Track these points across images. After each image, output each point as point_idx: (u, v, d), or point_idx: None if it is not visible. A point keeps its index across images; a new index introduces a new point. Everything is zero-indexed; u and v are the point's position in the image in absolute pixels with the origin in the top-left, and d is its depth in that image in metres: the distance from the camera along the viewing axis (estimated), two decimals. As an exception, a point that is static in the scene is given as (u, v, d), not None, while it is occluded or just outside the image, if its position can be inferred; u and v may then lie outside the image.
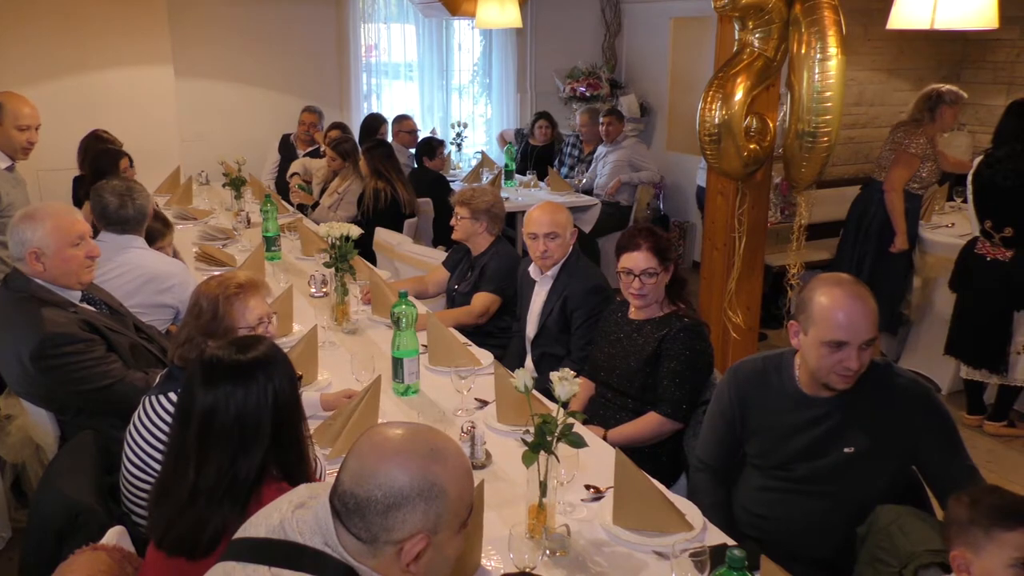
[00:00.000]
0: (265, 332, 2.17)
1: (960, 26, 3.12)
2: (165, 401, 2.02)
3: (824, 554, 2.10)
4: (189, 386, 1.65)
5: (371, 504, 1.25)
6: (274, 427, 1.63)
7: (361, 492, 1.26)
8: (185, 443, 1.60)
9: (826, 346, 1.98)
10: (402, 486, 1.25)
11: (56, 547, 1.79)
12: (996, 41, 6.06)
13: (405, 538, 1.26)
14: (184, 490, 1.57)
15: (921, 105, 4.55)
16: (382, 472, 1.26)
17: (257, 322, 2.18)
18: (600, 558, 1.89)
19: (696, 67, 6.92)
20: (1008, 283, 3.95)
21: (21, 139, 3.74)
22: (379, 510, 1.25)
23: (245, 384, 1.61)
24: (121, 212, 3.18)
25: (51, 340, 2.43)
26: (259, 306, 2.20)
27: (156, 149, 5.97)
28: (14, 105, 3.73)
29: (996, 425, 4.20)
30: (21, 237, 2.53)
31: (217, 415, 1.59)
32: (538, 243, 3.21)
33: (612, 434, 2.65)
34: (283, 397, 1.65)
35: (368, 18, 7.24)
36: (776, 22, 3.33)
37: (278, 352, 1.72)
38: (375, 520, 1.26)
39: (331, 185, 5.62)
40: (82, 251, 2.60)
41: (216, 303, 2.14)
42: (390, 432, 1.33)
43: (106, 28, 5.84)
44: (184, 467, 1.59)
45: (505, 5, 5.05)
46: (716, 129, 3.37)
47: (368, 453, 1.30)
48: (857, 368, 1.98)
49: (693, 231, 7.03)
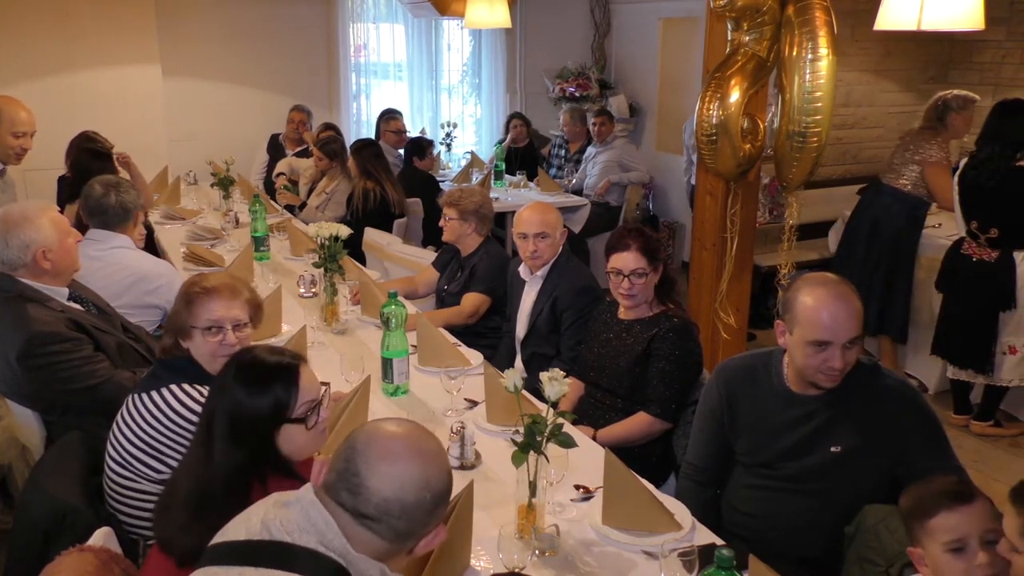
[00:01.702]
0: (222, 339, 2.10)
1: (946, 27, 3.14)
2: (148, 400, 2.02)
3: (812, 553, 2.10)
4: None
5: (421, 505, 1.31)
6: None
7: (410, 497, 1.29)
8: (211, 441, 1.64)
9: (810, 346, 1.99)
10: (439, 484, 1.34)
11: (43, 548, 1.78)
12: (982, 42, 6.10)
13: (426, 533, 1.35)
14: (195, 496, 1.58)
15: (930, 115, 4.51)
16: (423, 474, 1.32)
17: (208, 326, 2.10)
18: (589, 558, 1.89)
19: (685, 68, 6.93)
20: (994, 284, 3.97)
21: (15, 144, 3.72)
22: (427, 509, 1.32)
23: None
24: (103, 201, 3.17)
25: (38, 339, 2.42)
26: (219, 310, 2.11)
27: (144, 149, 5.92)
28: (11, 110, 3.70)
29: (982, 425, 4.23)
30: (25, 240, 2.52)
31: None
32: (528, 243, 3.21)
33: (601, 434, 2.65)
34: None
35: (357, 18, 7.22)
36: (770, 23, 3.35)
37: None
38: (418, 518, 1.32)
39: (319, 185, 5.60)
40: (73, 238, 2.65)
41: (181, 298, 2.14)
42: (403, 430, 1.37)
43: (93, 27, 5.80)
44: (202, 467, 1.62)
45: (494, 5, 5.05)
46: (714, 130, 3.38)
47: (401, 455, 1.32)
48: (841, 367, 1.99)
49: (682, 231, 7.04)
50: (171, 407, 1.99)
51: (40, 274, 2.56)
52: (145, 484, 2.00)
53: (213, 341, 2.10)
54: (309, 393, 1.72)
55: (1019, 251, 3.94)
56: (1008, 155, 3.87)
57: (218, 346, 2.10)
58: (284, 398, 1.68)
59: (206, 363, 2.11)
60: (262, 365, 1.70)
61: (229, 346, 2.10)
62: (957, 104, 4.45)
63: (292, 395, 1.69)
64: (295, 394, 1.69)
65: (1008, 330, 4.00)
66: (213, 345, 2.10)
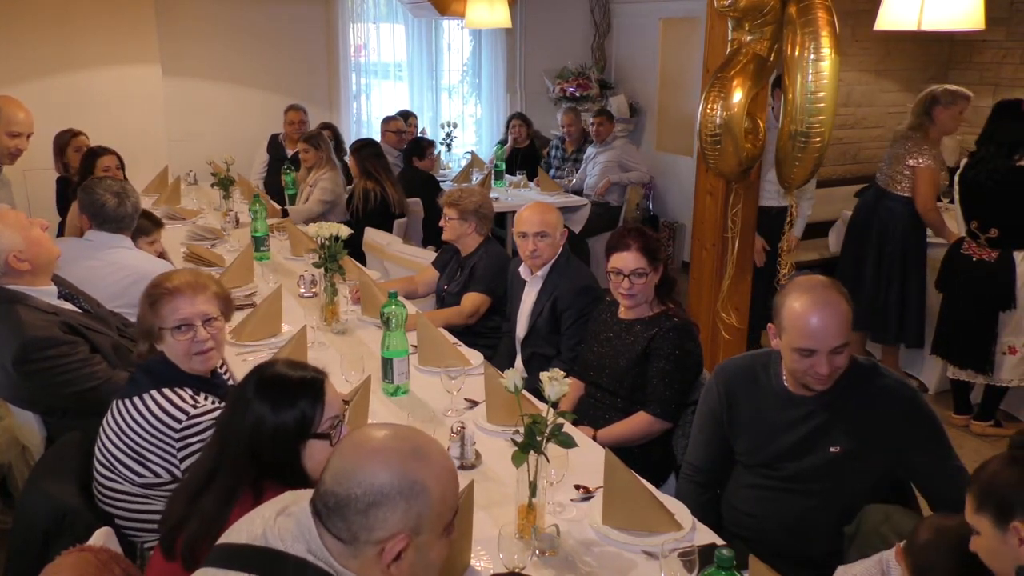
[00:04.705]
0: (194, 337, 2.06)
1: (947, 27, 3.14)
2: (130, 405, 2.02)
3: (812, 553, 2.11)
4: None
5: (351, 502, 1.24)
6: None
7: (342, 490, 1.25)
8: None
9: (797, 352, 2.00)
10: (382, 484, 1.24)
11: (42, 548, 1.79)
12: (982, 42, 6.11)
13: (386, 538, 1.25)
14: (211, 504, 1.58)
15: (918, 109, 4.41)
16: (363, 470, 1.25)
17: (176, 325, 2.05)
18: (589, 558, 1.89)
19: (685, 68, 6.94)
20: (994, 283, 3.97)
21: (10, 144, 3.70)
22: (359, 508, 1.24)
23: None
24: (119, 211, 3.18)
25: (32, 344, 2.40)
26: (185, 308, 2.06)
27: (144, 149, 5.95)
28: (10, 110, 3.69)
29: (983, 425, 4.23)
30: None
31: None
32: (528, 242, 3.21)
33: (602, 434, 2.65)
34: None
35: (357, 18, 7.22)
36: (772, 23, 3.35)
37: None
38: (355, 519, 1.25)
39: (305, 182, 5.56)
40: (37, 228, 2.59)
41: (145, 301, 2.10)
42: (373, 432, 1.33)
43: (93, 27, 5.81)
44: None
45: (494, 5, 5.05)
46: (718, 130, 3.38)
47: (350, 452, 1.29)
48: (828, 373, 1.99)
49: (682, 231, 7.05)
50: (152, 412, 1.99)
51: (21, 275, 2.53)
52: (128, 486, 2.01)
53: (184, 340, 2.06)
54: (333, 408, 1.69)
55: (1019, 251, 3.94)
56: (1008, 155, 3.87)
57: (190, 344, 2.07)
58: (310, 413, 1.65)
59: (181, 363, 2.08)
60: (287, 380, 1.67)
61: (201, 343, 2.07)
62: (945, 99, 4.33)
63: (318, 410, 1.66)
64: (321, 409, 1.66)
65: (1008, 330, 4.01)
66: (185, 344, 2.06)
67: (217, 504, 1.57)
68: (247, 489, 1.60)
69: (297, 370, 1.71)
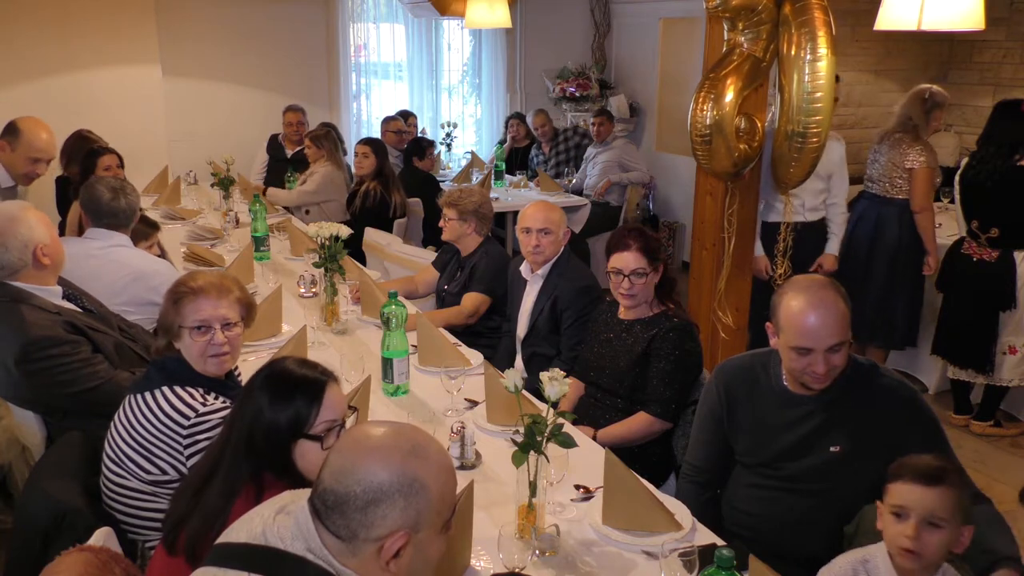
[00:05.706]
0: (211, 339, 2.07)
1: (947, 27, 3.15)
2: (141, 400, 2.02)
3: (812, 552, 2.10)
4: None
5: (350, 500, 1.25)
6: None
7: (341, 488, 1.25)
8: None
9: (793, 351, 2.00)
10: (381, 481, 1.25)
11: (42, 548, 1.78)
12: (982, 42, 6.11)
13: (385, 535, 1.25)
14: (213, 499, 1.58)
15: (917, 108, 4.30)
16: (362, 467, 1.26)
17: (195, 325, 2.07)
18: (589, 558, 1.89)
19: (685, 68, 6.94)
20: (994, 283, 3.97)
21: (30, 170, 3.75)
22: (358, 506, 1.25)
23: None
24: (113, 204, 3.18)
25: (35, 344, 2.40)
26: (206, 309, 2.08)
27: (144, 149, 5.94)
28: (33, 134, 3.70)
29: (983, 425, 4.23)
30: (23, 239, 2.50)
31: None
32: (531, 237, 3.21)
33: (602, 434, 2.65)
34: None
35: (357, 18, 7.22)
36: (766, 23, 3.34)
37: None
38: (354, 516, 1.25)
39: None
40: (55, 230, 2.65)
41: (169, 298, 2.12)
42: (371, 430, 1.33)
43: (92, 27, 5.81)
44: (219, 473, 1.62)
45: (494, 5, 5.05)
46: (708, 130, 3.38)
47: (349, 450, 1.29)
48: (824, 371, 1.99)
49: (682, 231, 7.05)
50: (161, 409, 1.99)
51: (40, 270, 2.54)
52: (135, 483, 2.01)
53: (201, 341, 2.07)
54: (332, 412, 1.68)
55: (1019, 251, 3.94)
56: (1008, 155, 3.87)
57: (206, 346, 2.07)
58: (305, 413, 1.65)
59: (195, 363, 2.09)
60: (290, 376, 1.68)
61: (218, 346, 2.08)
62: (941, 100, 4.32)
63: (313, 411, 1.66)
64: (316, 410, 1.66)
65: (1008, 330, 4.01)
66: (201, 345, 2.07)
67: (219, 498, 1.58)
68: (249, 483, 1.60)
69: (304, 369, 1.71)
